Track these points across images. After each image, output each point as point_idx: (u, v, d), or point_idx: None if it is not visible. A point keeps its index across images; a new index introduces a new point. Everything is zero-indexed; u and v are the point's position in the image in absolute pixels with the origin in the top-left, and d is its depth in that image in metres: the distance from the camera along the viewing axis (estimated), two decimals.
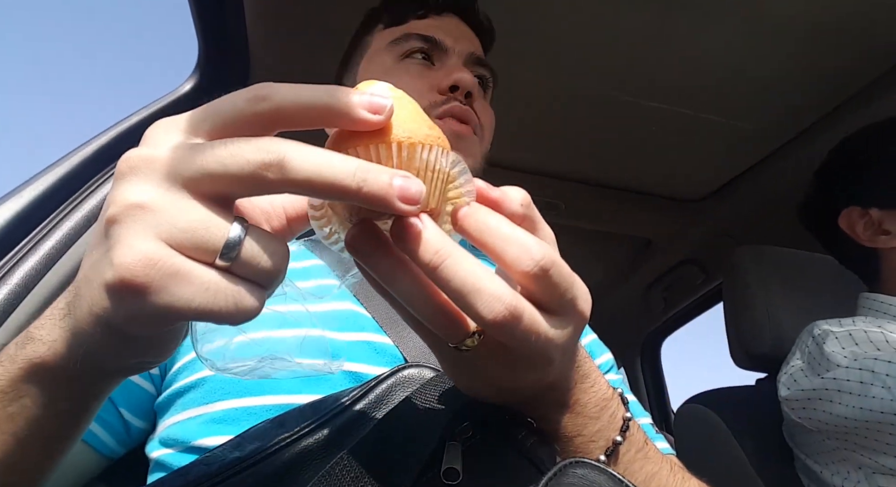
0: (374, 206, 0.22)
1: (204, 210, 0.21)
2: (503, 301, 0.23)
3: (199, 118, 0.23)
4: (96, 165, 0.75)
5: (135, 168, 0.22)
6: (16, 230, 0.67)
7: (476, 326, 0.26)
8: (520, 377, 0.29)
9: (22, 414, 0.27)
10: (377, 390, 0.32)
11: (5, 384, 0.27)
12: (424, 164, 0.24)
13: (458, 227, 0.26)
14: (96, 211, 0.72)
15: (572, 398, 0.32)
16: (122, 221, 0.21)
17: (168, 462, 0.41)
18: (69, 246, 0.68)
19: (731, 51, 0.87)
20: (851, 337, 0.69)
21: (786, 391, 0.75)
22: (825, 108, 0.97)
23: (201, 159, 0.21)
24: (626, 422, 0.34)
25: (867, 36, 0.83)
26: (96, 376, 0.27)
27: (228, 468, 0.29)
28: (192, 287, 0.20)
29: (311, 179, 0.21)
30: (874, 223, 0.76)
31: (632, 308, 1.59)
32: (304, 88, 0.22)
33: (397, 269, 0.25)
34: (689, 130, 1.04)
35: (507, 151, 1.13)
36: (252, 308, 0.22)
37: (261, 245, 0.22)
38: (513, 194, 0.27)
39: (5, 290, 0.63)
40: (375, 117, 0.22)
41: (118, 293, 0.21)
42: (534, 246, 0.25)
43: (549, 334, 0.26)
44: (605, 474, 0.28)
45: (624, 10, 0.81)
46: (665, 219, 1.30)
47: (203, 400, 0.42)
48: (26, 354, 0.27)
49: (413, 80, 0.61)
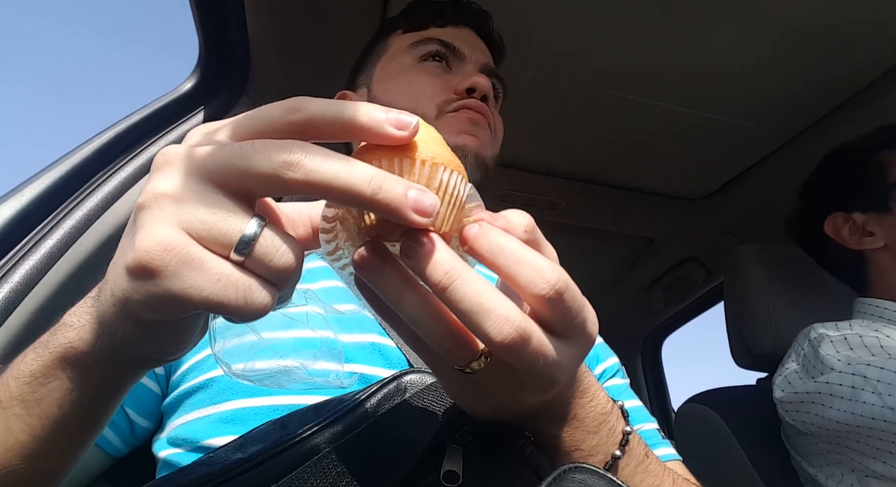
0: (388, 215, 0.22)
1: (226, 204, 0.22)
2: (512, 323, 0.23)
3: (236, 123, 0.24)
4: (97, 163, 0.75)
5: (169, 161, 0.23)
6: (17, 229, 0.67)
7: (483, 348, 0.26)
8: (524, 398, 0.28)
9: (50, 399, 0.28)
10: (379, 394, 0.32)
11: (37, 368, 0.28)
12: (444, 186, 0.24)
13: (469, 247, 0.25)
14: (98, 210, 0.72)
15: (570, 413, 0.32)
16: (149, 208, 0.22)
17: (176, 461, 0.41)
18: (70, 245, 0.68)
19: (732, 50, 0.86)
20: (846, 341, 0.69)
21: (780, 393, 0.75)
22: (827, 107, 0.97)
23: (229, 155, 0.22)
24: (625, 436, 0.33)
25: (868, 37, 0.83)
26: (118, 364, 0.28)
27: (230, 469, 0.29)
28: (204, 276, 0.21)
29: (329, 181, 0.21)
30: (858, 227, 0.78)
31: (633, 307, 1.59)
32: (335, 102, 0.23)
33: (405, 288, 0.25)
34: (691, 128, 1.03)
35: (509, 151, 1.12)
36: (261, 305, 0.22)
37: (275, 244, 0.22)
38: (517, 220, 0.26)
39: (7, 288, 0.63)
40: (400, 133, 0.23)
41: (135, 275, 0.22)
42: (547, 269, 0.25)
43: (557, 357, 0.25)
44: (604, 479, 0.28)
45: (626, 10, 0.81)
46: (666, 218, 1.30)
47: (212, 400, 0.43)
48: (58, 339, 0.28)
49: (431, 79, 0.64)
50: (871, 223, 0.77)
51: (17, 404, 0.28)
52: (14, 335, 0.64)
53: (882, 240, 0.77)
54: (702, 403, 0.88)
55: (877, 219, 0.77)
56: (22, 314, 0.64)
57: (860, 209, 0.79)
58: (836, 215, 0.81)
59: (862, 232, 0.78)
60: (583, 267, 1.42)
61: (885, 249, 0.77)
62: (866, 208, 0.78)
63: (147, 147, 0.80)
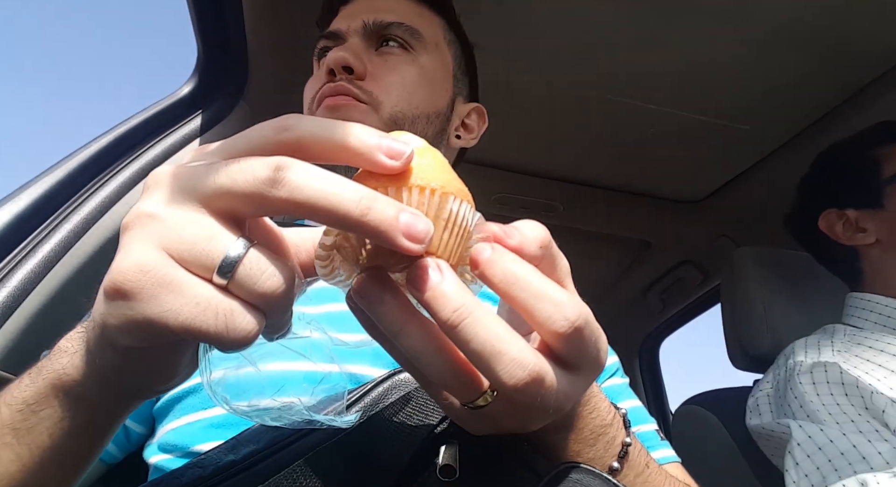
0: (377, 239, 0.21)
1: (211, 225, 0.21)
2: (526, 367, 0.22)
3: (227, 143, 0.23)
4: (94, 168, 0.75)
5: (158, 182, 0.22)
6: (15, 233, 0.67)
7: (489, 384, 0.25)
8: (528, 425, 0.27)
9: (41, 428, 0.27)
10: (373, 393, 0.32)
11: (29, 395, 0.27)
12: (454, 216, 0.23)
13: (480, 273, 0.23)
14: (95, 214, 0.72)
15: (569, 424, 0.31)
16: (132, 228, 0.21)
17: (167, 467, 0.41)
18: (68, 249, 0.68)
19: (728, 54, 0.87)
20: (825, 373, 0.66)
21: (750, 421, 0.75)
22: (822, 110, 0.97)
23: (214, 174, 0.21)
24: (624, 447, 0.32)
25: (863, 40, 0.83)
26: (105, 395, 0.26)
27: (222, 471, 0.29)
28: (181, 299, 0.20)
29: (314, 200, 0.20)
30: (852, 223, 0.79)
31: (630, 310, 1.59)
32: (327, 123, 0.22)
33: (406, 320, 0.23)
34: (687, 131, 1.04)
35: (506, 153, 1.13)
36: (244, 331, 0.21)
37: (261, 266, 0.21)
38: (532, 236, 0.24)
39: (4, 293, 0.63)
40: (391, 162, 0.22)
41: (111, 298, 0.21)
42: (567, 304, 0.23)
43: (568, 390, 0.24)
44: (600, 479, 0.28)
45: (623, 13, 0.81)
46: (663, 220, 1.30)
47: (202, 405, 0.42)
48: (52, 365, 0.27)
49: (311, 81, 0.60)
50: (864, 219, 0.78)
51: (9, 432, 0.27)
52: (11, 339, 0.63)
53: (874, 236, 0.77)
54: (699, 405, 0.88)
55: (869, 215, 0.77)
56: (19, 318, 0.64)
57: (853, 205, 0.79)
58: (829, 211, 0.81)
59: (855, 228, 0.78)
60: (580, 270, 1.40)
61: (877, 244, 0.77)
62: (859, 205, 0.78)
63: (145, 151, 0.80)
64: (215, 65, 0.87)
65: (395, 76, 0.58)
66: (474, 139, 0.68)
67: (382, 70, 0.58)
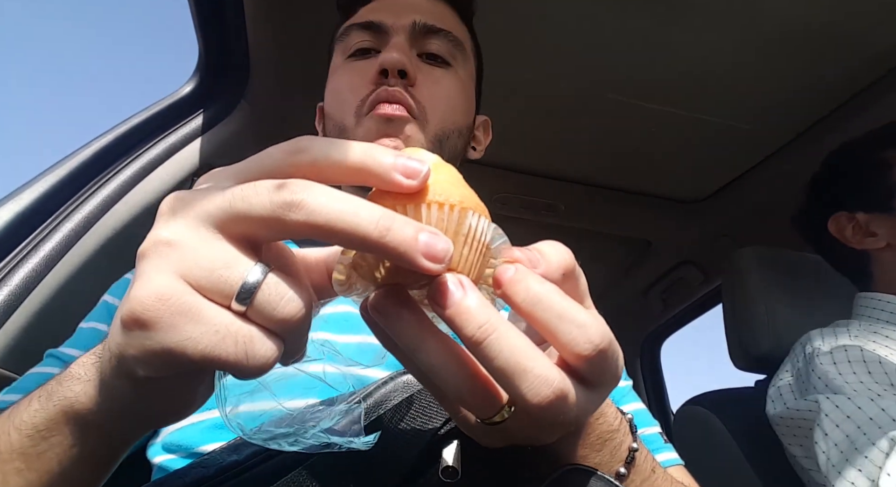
0: (396, 260, 0.20)
1: (229, 251, 0.21)
2: (551, 385, 0.22)
3: (242, 167, 0.23)
4: (96, 166, 0.75)
5: (173, 208, 0.22)
6: (16, 232, 0.67)
7: (508, 398, 0.25)
8: (543, 439, 0.27)
9: (51, 454, 0.26)
10: (375, 395, 0.32)
11: (40, 421, 0.26)
12: (473, 231, 0.23)
13: (502, 293, 0.23)
14: (97, 212, 0.72)
15: (576, 430, 0.31)
16: (148, 256, 0.21)
17: (170, 466, 0.41)
18: (70, 247, 0.68)
19: (728, 54, 0.87)
20: (846, 353, 0.67)
21: (772, 409, 0.74)
22: (823, 110, 0.97)
23: (230, 198, 0.21)
24: (631, 453, 0.32)
25: (864, 40, 0.83)
26: (117, 424, 0.26)
27: (226, 471, 0.29)
28: (200, 328, 0.20)
29: (333, 223, 0.20)
30: (861, 227, 0.78)
31: (631, 310, 1.59)
32: (341, 144, 0.22)
33: (425, 338, 0.23)
34: (689, 132, 1.04)
35: (507, 153, 1.13)
36: (263, 358, 0.21)
37: (280, 291, 0.21)
38: (556, 261, 0.24)
39: (6, 291, 0.63)
40: (409, 182, 0.22)
41: (129, 328, 0.20)
42: (591, 326, 0.23)
43: (586, 406, 0.24)
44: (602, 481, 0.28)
45: (624, 13, 0.81)
46: (664, 220, 1.30)
47: (206, 406, 0.42)
48: (63, 392, 0.26)
49: (350, 77, 0.56)
50: (874, 223, 0.76)
51: (18, 457, 0.26)
52: (13, 338, 0.64)
53: (885, 240, 0.76)
54: (700, 405, 0.88)
55: (880, 219, 0.76)
56: (20, 317, 0.64)
57: (863, 209, 0.78)
58: (839, 214, 0.80)
59: (865, 232, 0.77)
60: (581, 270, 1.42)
61: (888, 248, 0.76)
62: (870, 208, 0.77)
63: (146, 150, 0.80)
64: (216, 64, 0.87)
65: (441, 89, 0.57)
66: (481, 152, 0.69)
67: (429, 80, 0.57)
